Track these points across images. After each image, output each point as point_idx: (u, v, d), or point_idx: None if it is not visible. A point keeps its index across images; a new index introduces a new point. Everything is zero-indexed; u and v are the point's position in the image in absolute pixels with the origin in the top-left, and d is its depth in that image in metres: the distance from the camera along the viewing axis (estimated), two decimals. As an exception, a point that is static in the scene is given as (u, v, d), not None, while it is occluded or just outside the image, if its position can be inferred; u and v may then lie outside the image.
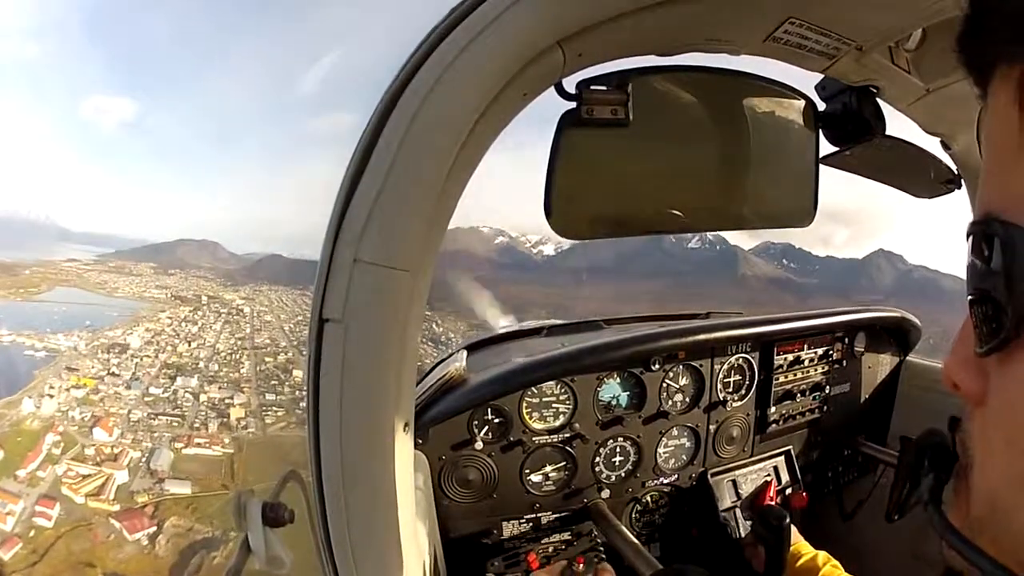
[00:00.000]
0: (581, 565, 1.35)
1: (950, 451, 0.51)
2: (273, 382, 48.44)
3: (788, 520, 1.48)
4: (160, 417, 42.75)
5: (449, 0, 0.72)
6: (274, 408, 45.20)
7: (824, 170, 1.30)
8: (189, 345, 52.11)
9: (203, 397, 45.29)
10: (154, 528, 34.39)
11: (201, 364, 50.09)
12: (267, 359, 52.09)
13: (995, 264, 0.38)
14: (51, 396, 41.58)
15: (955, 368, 0.45)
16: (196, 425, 42.39)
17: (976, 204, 0.42)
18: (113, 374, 45.95)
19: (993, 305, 0.39)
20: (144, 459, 38.33)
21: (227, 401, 44.97)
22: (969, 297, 0.41)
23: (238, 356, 52.42)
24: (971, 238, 0.41)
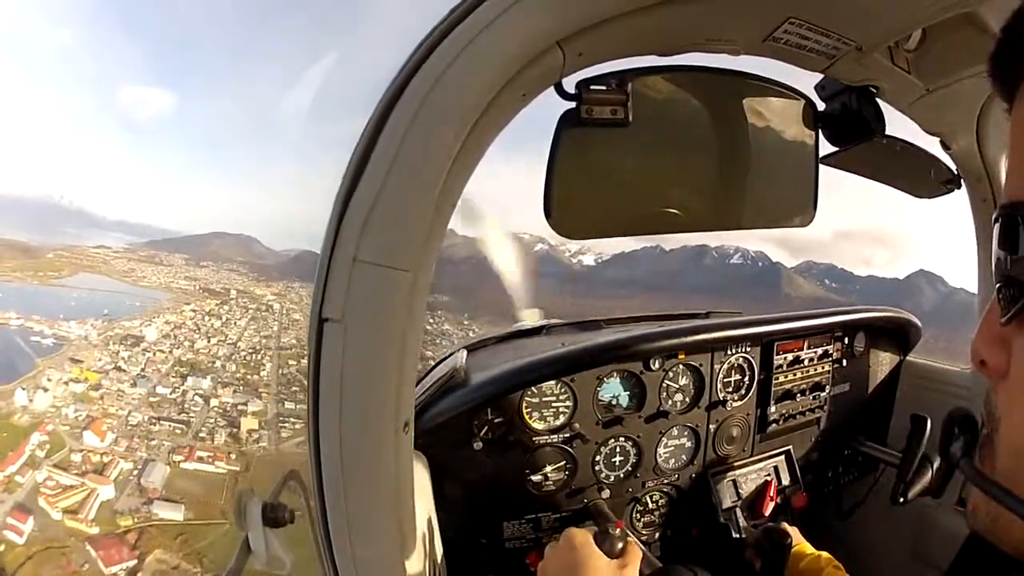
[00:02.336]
0: (619, 529, 1.26)
1: (976, 421, 0.56)
2: (294, 388, 43.58)
3: (789, 541, 1.48)
4: (162, 422, 38.12)
5: (449, 0, 0.72)
6: (292, 419, 40.30)
7: (865, 193, 1.30)
8: (208, 341, 47.52)
9: (214, 402, 40.41)
10: (135, 561, 29.33)
11: (218, 364, 45.25)
12: (291, 362, 47.10)
13: (1021, 251, 0.44)
14: (47, 389, 37.61)
15: (982, 345, 0.50)
16: (202, 435, 37.75)
17: (1003, 193, 0.48)
18: (120, 368, 41.71)
19: (1018, 287, 0.45)
20: (135, 472, 33.77)
21: (240, 408, 40.17)
22: (997, 285, 0.47)
23: (260, 356, 47.75)
24: (998, 222, 0.47)
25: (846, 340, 2.07)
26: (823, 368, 2.01)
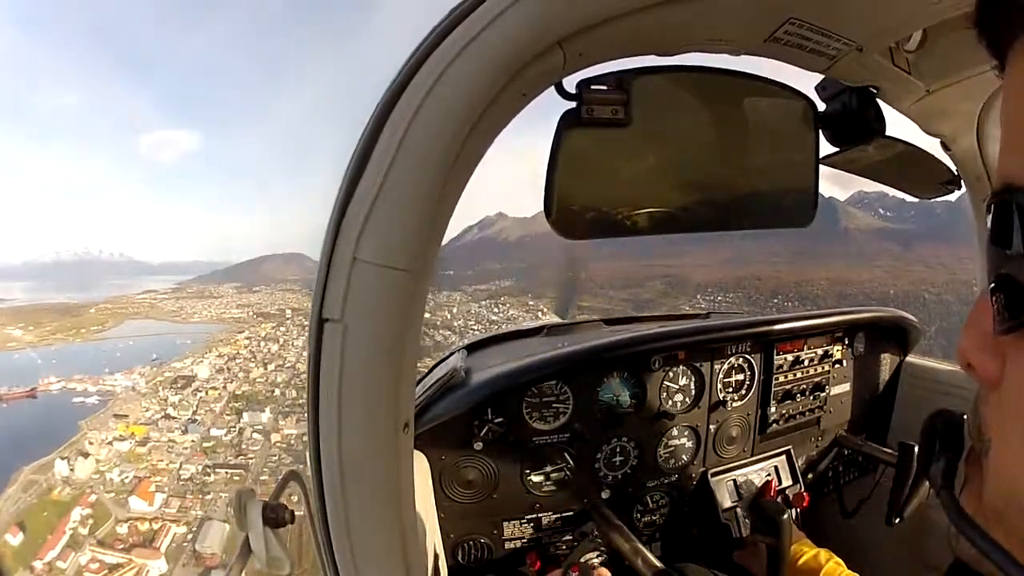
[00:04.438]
0: (575, 574, 1.35)
1: (960, 431, 0.50)
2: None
3: (787, 515, 1.48)
4: (217, 471, 33.33)
5: (449, 0, 0.72)
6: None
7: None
8: (265, 368, 43.51)
9: (275, 436, 35.65)
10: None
11: (277, 391, 41.04)
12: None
13: (1015, 246, 0.38)
14: (88, 455, 33.32)
15: (971, 349, 0.44)
16: (263, 477, 33.10)
17: (995, 177, 0.41)
18: (169, 416, 37.42)
19: (1015, 287, 0.38)
20: (190, 537, 29.29)
21: (306, 439, 37.18)
22: (991, 285, 0.40)
23: None
24: (992, 210, 0.40)
25: (846, 341, 2.07)
26: (823, 368, 2.01)
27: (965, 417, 0.50)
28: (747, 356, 1.86)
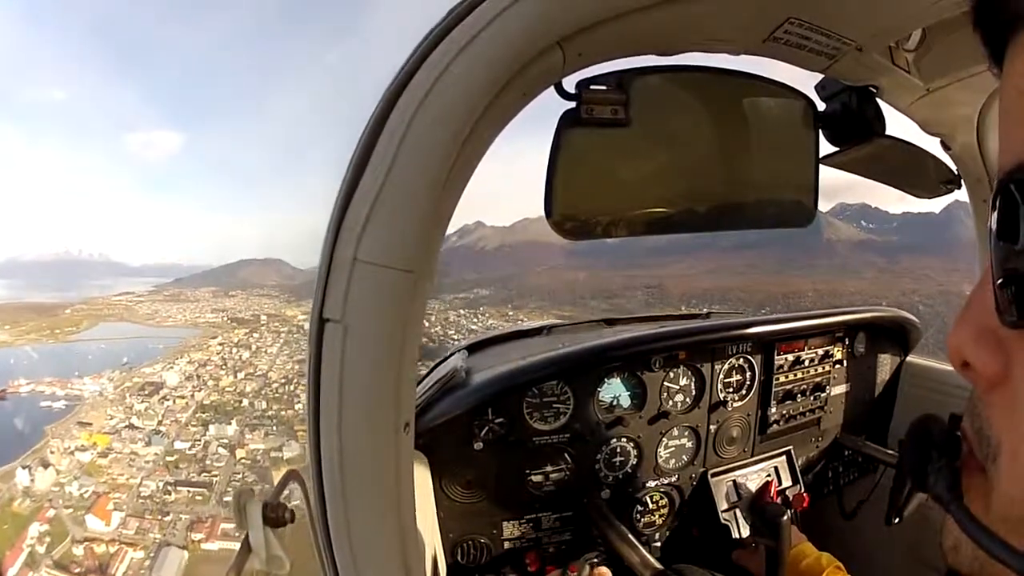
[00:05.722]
0: (574, 574, 1.35)
1: (957, 438, 0.46)
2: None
3: (786, 517, 1.48)
4: (179, 489, 31.44)
5: (449, 0, 0.72)
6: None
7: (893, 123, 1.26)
8: (235, 376, 41.85)
9: (241, 452, 33.90)
10: None
11: (246, 402, 39.22)
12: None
13: (1023, 240, 0.36)
14: (48, 464, 31.76)
15: (968, 344, 0.40)
16: (227, 498, 27.04)
17: (997, 170, 0.40)
18: (133, 426, 35.72)
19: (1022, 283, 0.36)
20: (147, 563, 27.45)
21: (273, 455, 33.44)
22: (999, 281, 0.38)
23: (294, 387, 40.45)
24: (996, 206, 0.38)
25: (846, 341, 2.07)
26: (824, 369, 2.01)
27: (962, 422, 0.47)
28: (747, 356, 1.85)
